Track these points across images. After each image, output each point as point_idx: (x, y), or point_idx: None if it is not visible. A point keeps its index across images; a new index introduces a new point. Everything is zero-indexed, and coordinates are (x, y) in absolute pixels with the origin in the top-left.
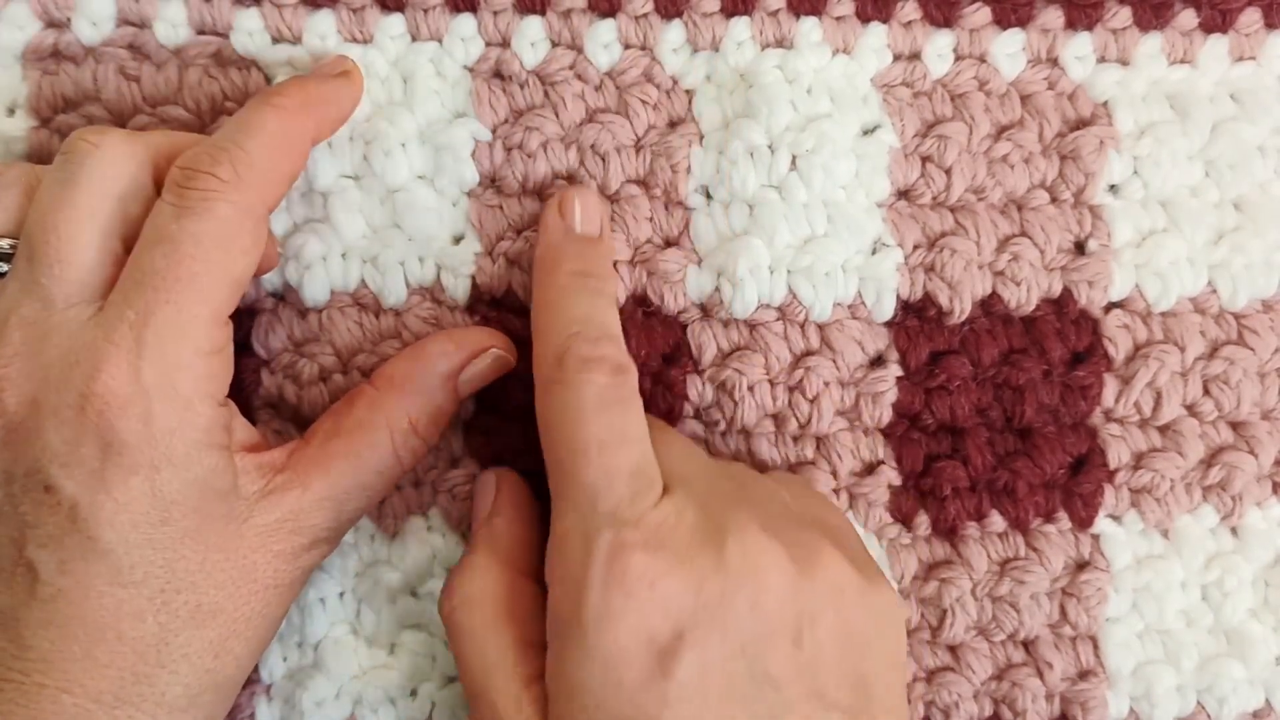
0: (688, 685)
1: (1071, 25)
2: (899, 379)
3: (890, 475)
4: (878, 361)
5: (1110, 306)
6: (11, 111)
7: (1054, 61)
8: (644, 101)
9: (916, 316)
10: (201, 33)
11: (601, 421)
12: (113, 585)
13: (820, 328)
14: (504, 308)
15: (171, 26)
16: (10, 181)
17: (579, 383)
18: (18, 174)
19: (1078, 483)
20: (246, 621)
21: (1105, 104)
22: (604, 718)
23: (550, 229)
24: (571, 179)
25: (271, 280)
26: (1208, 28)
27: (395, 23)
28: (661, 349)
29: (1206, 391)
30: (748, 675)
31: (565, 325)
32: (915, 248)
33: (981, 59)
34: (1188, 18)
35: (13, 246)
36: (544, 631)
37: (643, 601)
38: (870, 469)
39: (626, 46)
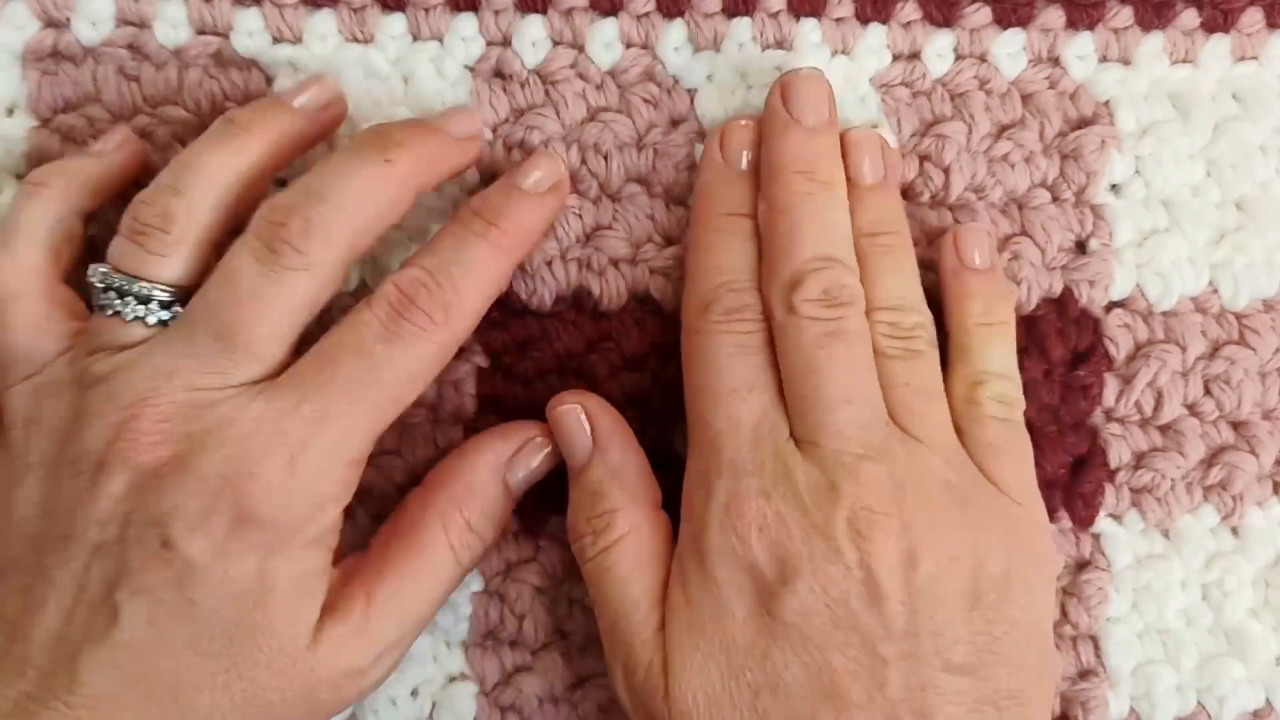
0: (793, 623)
1: (1073, 25)
2: None
3: None
4: None
5: (1111, 306)
6: (11, 111)
7: (1055, 61)
8: (645, 100)
9: None
10: (201, 33)
11: (735, 372)
12: (188, 650)
13: None
14: (504, 308)
15: (171, 27)
16: (190, 237)
17: (718, 333)
18: (198, 232)
19: (1078, 482)
20: None
21: (1107, 103)
22: (716, 646)
23: (707, 166)
24: (572, 178)
25: None
26: (1209, 27)
27: (396, 22)
28: (663, 347)
29: (1207, 391)
30: (858, 613)
31: (714, 273)
32: (914, 245)
33: (982, 58)
34: (1189, 17)
35: (172, 296)
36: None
37: (753, 543)
38: None
39: (628, 45)
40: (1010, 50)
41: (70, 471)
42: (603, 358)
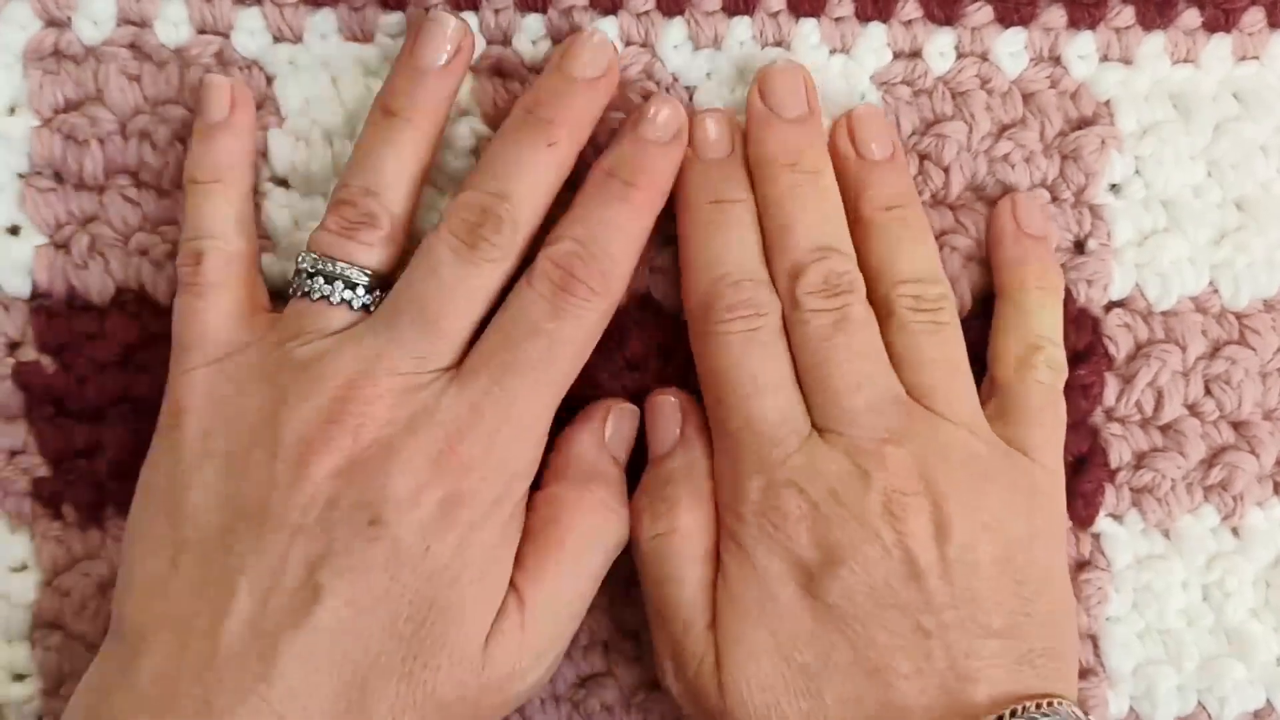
0: (837, 605)
1: (1074, 24)
2: None
3: None
4: None
5: (1111, 305)
6: (13, 110)
7: (1056, 60)
8: (645, 98)
9: None
10: (203, 32)
11: (743, 373)
12: (383, 634)
13: None
14: None
15: (172, 26)
16: (391, 231)
17: (722, 334)
18: (396, 224)
19: (1079, 482)
20: None
21: (1107, 103)
22: (765, 634)
23: (684, 163)
24: (570, 176)
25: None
26: (1211, 27)
27: (397, 21)
28: (665, 347)
29: (1208, 391)
30: (899, 590)
31: (709, 267)
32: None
33: (983, 57)
34: (1191, 17)
35: (373, 283)
36: None
37: (791, 533)
38: None
39: (628, 43)
40: (1012, 49)
41: (264, 456)
42: (604, 357)
